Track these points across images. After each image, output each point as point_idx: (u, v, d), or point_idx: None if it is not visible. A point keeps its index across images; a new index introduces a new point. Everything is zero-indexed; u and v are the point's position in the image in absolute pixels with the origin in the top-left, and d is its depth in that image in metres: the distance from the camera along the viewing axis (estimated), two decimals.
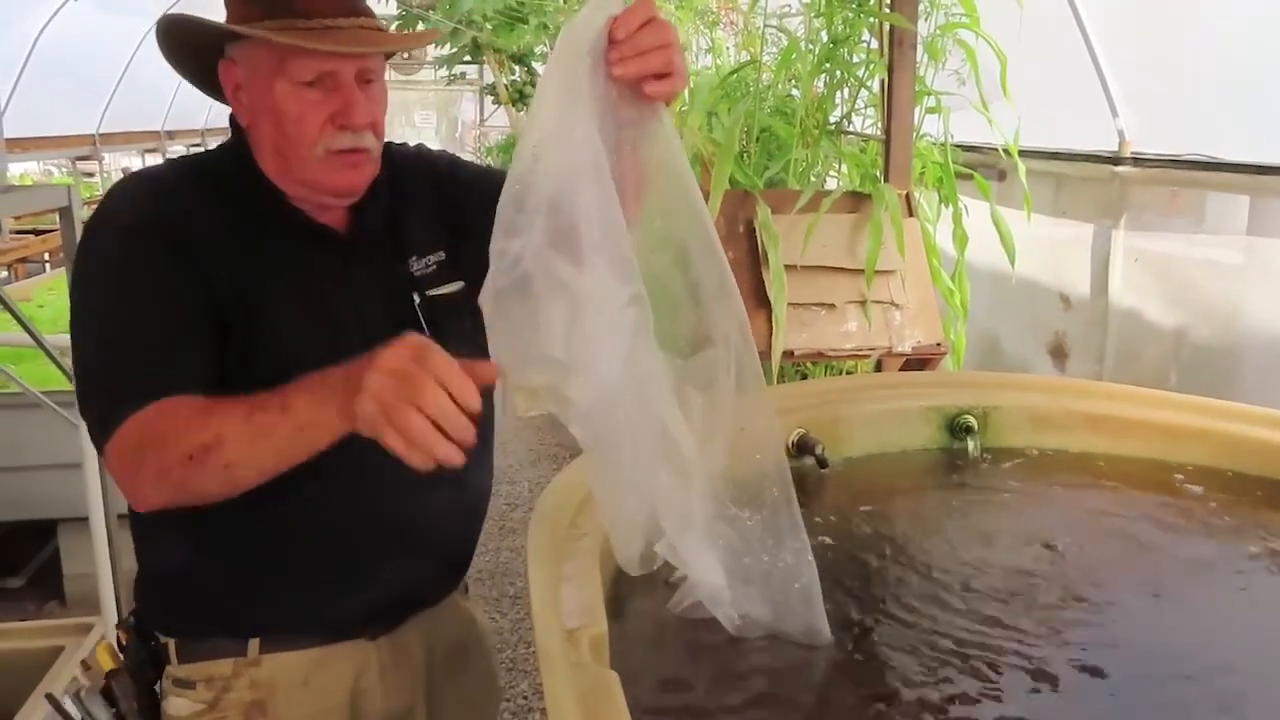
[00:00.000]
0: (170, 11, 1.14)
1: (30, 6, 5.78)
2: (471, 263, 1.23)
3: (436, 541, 1.27)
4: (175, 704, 1.18)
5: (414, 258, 1.24)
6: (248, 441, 0.99)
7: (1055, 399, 1.66)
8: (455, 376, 0.90)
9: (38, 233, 6.94)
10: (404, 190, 1.28)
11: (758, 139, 2.80)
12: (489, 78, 9.51)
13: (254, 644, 1.18)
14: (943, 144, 2.78)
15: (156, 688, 1.22)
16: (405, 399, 0.88)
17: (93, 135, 7.84)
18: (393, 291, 1.22)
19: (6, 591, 3.31)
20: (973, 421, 1.62)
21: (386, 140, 1.29)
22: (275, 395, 0.98)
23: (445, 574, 1.32)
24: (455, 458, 0.89)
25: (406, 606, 1.27)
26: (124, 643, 1.22)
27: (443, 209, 1.29)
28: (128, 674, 1.20)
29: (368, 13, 1.16)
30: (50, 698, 1.24)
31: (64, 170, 10.08)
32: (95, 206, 1.17)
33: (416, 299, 1.22)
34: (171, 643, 1.19)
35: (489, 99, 10.58)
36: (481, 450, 1.31)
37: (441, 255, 1.26)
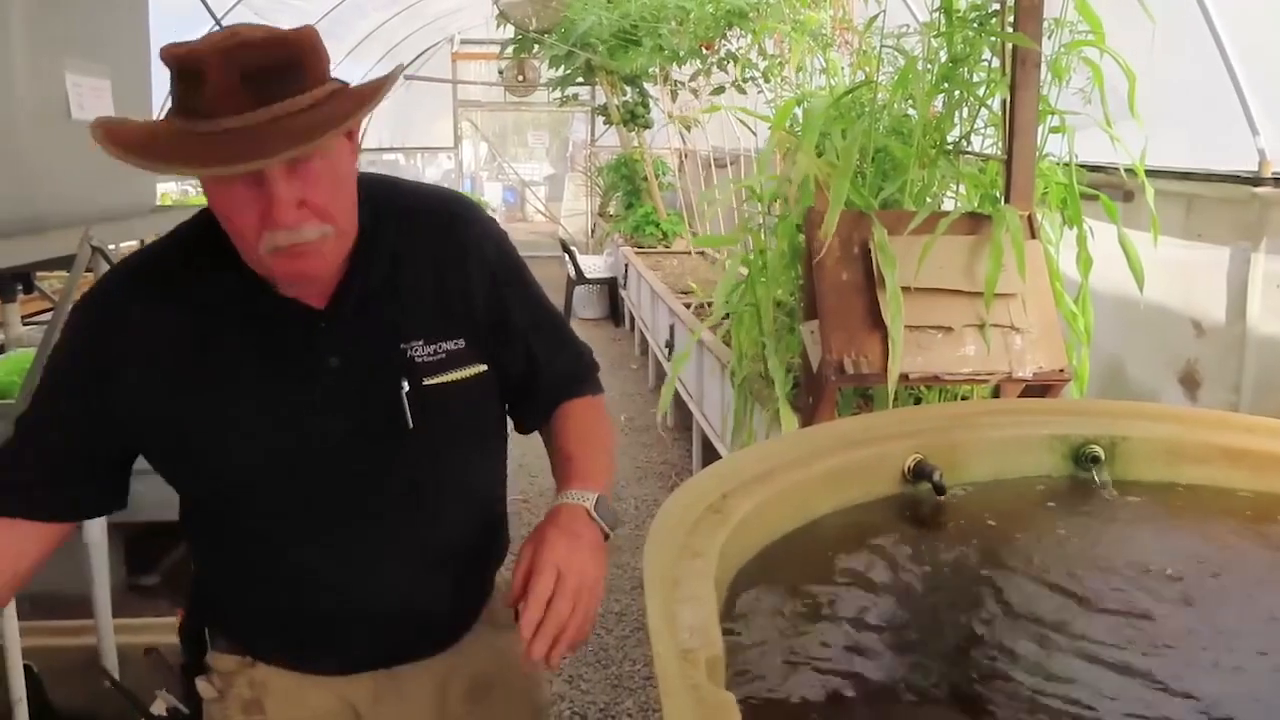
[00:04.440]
0: (102, 118, 1.04)
1: (177, 34, 6.14)
2: (497, 350, 1.26)
3: (405, 614, 1.24)
4: (201, 685, 1.28)
5: (419, 342, 1.18)
6: None
7: (1190, 430, 1.59)
8: None
9: None
10: (432, 259, 1.21)
11: (873, 159, 2.76)
12: (601, 99, 9.66)
13: None
14: (1066, 164, 2.70)
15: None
16: None
17: None
18: (379, 375, 1.17)
19: (142, 588, 3.49)
20: (1100, 452, 1.56)
21: (429, 191, 1.26)
22: None
23: (425, 640, 1.30)
24: None
25: (388, 664, 1.27)
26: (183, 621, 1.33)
27: (486, 303, 1.24)
28: (184, 650, 1.31)
29: (288, 94, 1.00)
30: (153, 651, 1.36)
31: (198, 190, 10.63)
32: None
33: (405, 385, 1.17)
34: (207, 629, 1.30)
35: (600, 119, 10.74)
36: (467, 525, 1.29)
37: (460, 343, 1.20)
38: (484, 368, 1.23)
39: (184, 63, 0.99)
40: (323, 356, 1.15)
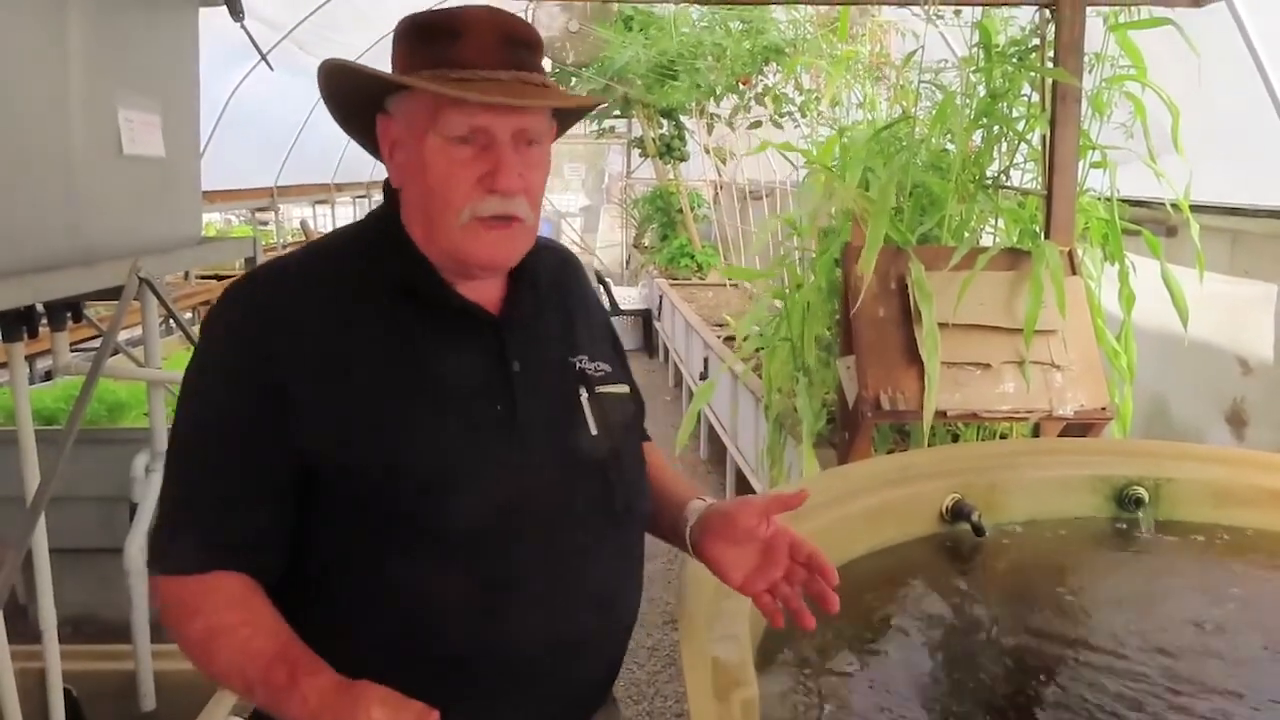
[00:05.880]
0: (330, 58, 1.09)
1: (224, 71, 6.30)
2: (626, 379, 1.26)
3: (567, 663, 1.14)
4: None
5: (584, 357, 1.20)
6: (231, 680, 1.05)
7: (1238, 472, 1.56)
8: None
9: (219, 278, 7.48)
10: (571, 289, 1.26)
11: (911, 194, 2.76)
12: (637, 131, 9.74)
13: None
14: (1108, 199, 2.67)
15: None
16: None
17: (271, 188, 8.41)
18: (558, 382, 1.17)
19: None
20: (1144, 493, 1.53)
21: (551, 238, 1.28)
22: (276, 668, 0.99)
23: (574, 706, 1.18)
24: None
25: None
26: None
27: (609, 331, 1.31)
28: None
29: (535, 68, 1.09)
30: None
31: (242, 219, 10.82)
32: (210, 309, 1.12)
33: (584, 393, 1.17)
34: None
35: (636, 152, 10.81)
36: (617, 587, 1.18)
37: (608, 367, 1.22)
38: (629, 390, 1.26)
39: (446, 20, 1.07)
40: (506, 360, 1.14)
